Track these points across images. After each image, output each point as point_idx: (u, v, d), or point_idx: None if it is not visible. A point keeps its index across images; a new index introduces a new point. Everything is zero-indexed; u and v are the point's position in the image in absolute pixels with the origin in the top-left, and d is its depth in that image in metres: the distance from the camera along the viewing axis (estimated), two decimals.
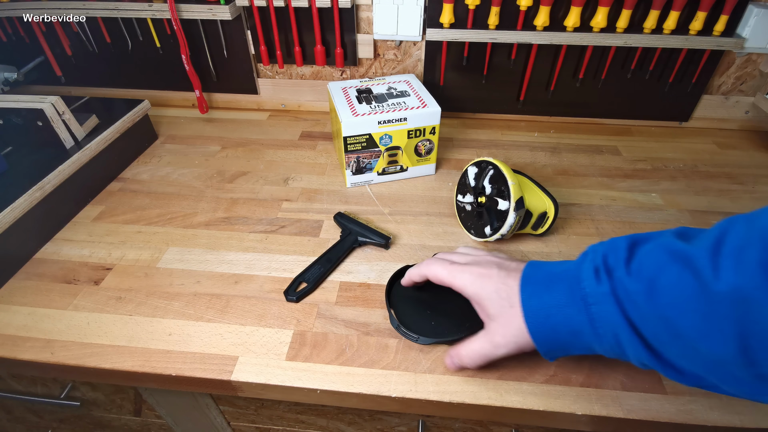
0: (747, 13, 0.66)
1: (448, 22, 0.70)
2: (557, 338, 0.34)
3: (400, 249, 0.55)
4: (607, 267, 0.32)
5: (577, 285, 0.33)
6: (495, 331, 0.37)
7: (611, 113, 0.81)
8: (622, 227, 0.58)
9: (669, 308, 0.28)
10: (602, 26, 0.68)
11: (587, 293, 0.32)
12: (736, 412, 0.38)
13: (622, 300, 0.31)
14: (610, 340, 0.32)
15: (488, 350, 0.38)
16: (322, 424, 0.56)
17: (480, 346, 0.38)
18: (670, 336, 0.29)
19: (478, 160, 0.55)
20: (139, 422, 0.63)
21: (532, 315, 0.35)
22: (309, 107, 0.87)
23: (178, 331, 0.45)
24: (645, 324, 0.30)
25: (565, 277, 0.35)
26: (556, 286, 0.35)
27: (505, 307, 0.37)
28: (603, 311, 0.32)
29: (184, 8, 0.71)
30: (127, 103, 0.72)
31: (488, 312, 0.38)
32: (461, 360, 0.39)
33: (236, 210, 0.61)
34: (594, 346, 0.34)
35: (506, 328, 0.36)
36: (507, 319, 0.36)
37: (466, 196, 0.57)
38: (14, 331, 0.46)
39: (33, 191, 0.54)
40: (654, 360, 0.30)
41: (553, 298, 0.34)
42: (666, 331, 0.29)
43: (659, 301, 0.29)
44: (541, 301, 0.35)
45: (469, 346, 0.39)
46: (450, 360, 0.41)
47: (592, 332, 0.33)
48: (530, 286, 0.36)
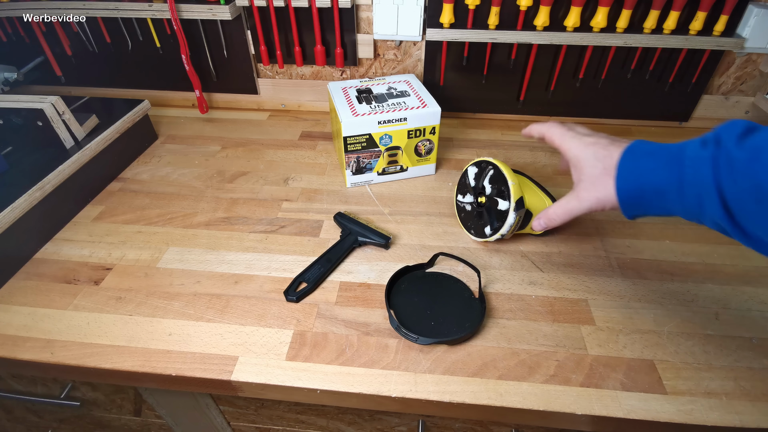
0: (747, 13, 0.66)
1: (448, 22, 0.70)
2: (641, 196, 0.38)
3: (400, 249, 0.55)
4: (717, 138, 0.34)
5: (679, 153, 0.36)
6: (581, 188, 0.42)
7: (611, 113, 0.81)
8: (622, 227, 0.58)
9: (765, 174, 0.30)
10: (602, 26, 0.68)
11: (686, 156, 0.35)
12: (736, 412, 0.38)
13: (720, 165, 0.33)
14: (693, 201, 0.35)
15: (573, 204, 0.42)
16: (322, 424, 0.56)
17: (566, 201, 0.43)
18: (755, 202, 0.31)
19: (478, 160, 0.55)
20: (139, 422, 0.63)
21: (624, 174, 0.38)
22: (309, 107, 0.87)
23: (178, 331, 0.45)
24: (733, 189, 0.32)
25: (670, 149, 0.37)
26: (659, 154, 0.37)
27: (597, 168, 0.40)
28: (695, 173, 0.34)
29: (184, 8, 0.72)
30: (127, 103, 0.72)
31: (582, 172, 0.42)
32: (549, 217, 0.45)
33: (236, 210, 0.61)
34: (674, 207, 0.36)
35: (592, 184, 0.40)
36: (596, 178, 0.40)
37: (466, 196, 0.57)
38: (14, 331, 0.46)
39: (33, 191, 0.54)
40: (729, 222, 0.33)
41: (650, 162, 0.37)
42: (752, 198, 0.31)
43: (757, 167, 0.31)
44: (638, 164, 0.38)
45: (557, 204, 0.44)
46: (538, 222, 0.46)
47: (678, 193, 0.35)
48: (633, 153, 0.39)
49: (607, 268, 0.52)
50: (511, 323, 0.46)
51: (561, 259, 0.54)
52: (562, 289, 0.50)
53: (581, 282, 0.51)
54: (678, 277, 0.51)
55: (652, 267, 0.53)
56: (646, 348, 0.44)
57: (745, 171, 0.31)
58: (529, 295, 0.49)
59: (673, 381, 0.41)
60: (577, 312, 0.47)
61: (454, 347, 0.44)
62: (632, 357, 0.43)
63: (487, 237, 0.53)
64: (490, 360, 0.43)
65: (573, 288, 0.50)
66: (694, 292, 0.49)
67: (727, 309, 0.48)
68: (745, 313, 0.47)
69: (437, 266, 0.53)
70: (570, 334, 0.45)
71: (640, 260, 0.53)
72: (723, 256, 0.54)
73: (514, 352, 0.43)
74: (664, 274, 0.52)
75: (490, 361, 0.43)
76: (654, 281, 0.51)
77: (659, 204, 0.37)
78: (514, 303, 0.48)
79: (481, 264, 0.53)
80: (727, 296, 0.49)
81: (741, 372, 0.42)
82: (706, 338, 0.45)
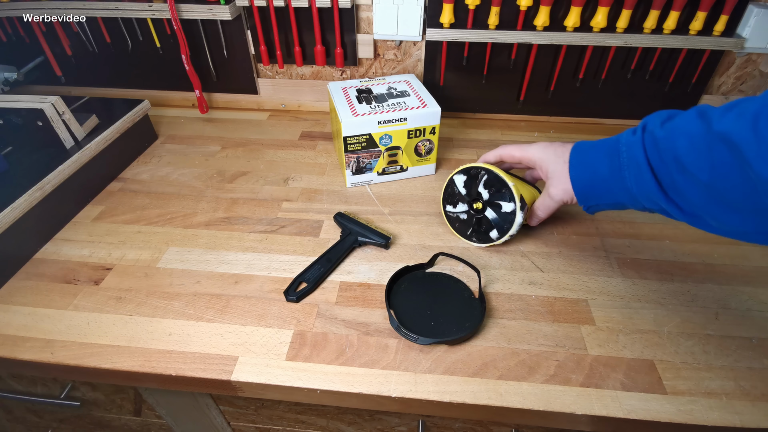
0: (747, 13, 0.66)
1: (448, 22, 0.70)
2: (591, 185, 0.43)
3: (400, 249, 0.55)
4: (644, 125, 0.40)
5: (615, 143, 0.42)
6: (551, 185, 0.48)
7: (611, 113, 0.81)
8: (622, 227, 0.58)
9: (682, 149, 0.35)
10: (602, 26, 0.68)
11: (621, 143, 0.41)
12: (736, 412, 0.38)
13: (647, 146, 0.38)
14: (632, 183, 0.40)
15: (547, 201, 0.49)
16: (322, 424, 0.56)
17: (542, 199, 0.50)
18: (678, 173, 0.36)
19: (464, 167, 0.54)
20: (139, 422, 0.63)
21: (574, 167, 0.45)
22: (309, 107, 0.87)
23: (178, 331, 0.45)
24: (660, 165, 0.37)
25: (608, 141, 0.43)
26: (600, 146, 0.43)
27: (559, 163, 0.46)
28: (629, 158, 0.40)
29: (184, 8, 0.71)
30: (127, 103, 0.72)
31: (548, 171, 0.47)
32: (536, 214, 0.52)
33: (236, 210, 0.61)
34: (619, 193, 0.41)
35: (559, 180, 0.46)
36: (560, 174, 0.46)
37: (457, 206, 0.56)
38: (14, 331, 0.46)
39: (33, 191, 0.54)
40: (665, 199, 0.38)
41: (594, 154, 0.43)
42: (675, 169, 0.36)
43: (675, 143, 0.36)
44: (585, 156, 0.44)
45: (537, 201, 0.51)
46: (530, 220, 0.53)
47: (619, 178, 0.40)
48: (580, 148, 0.45)
49: (607, 268, 0.52)
50: (511, 323, 0.46)
51: (561, 259, 0.54)
52: (562, 289, 0.50)
53: (581, 282, 0.51)
54: (678, 277, 0.51)
55: (652, 267, 0.53)
56: (646, 348, 0.44)
57: (666, 147, 0.37)
58: (529, 295, 0.49)
59: (673, 381, 0.41)
60: (577, 312, 0.47)
61: (454, 347, 0.44)
62: (632, 357, 0.43)
63: (494, 241, 0.53)
64: (490, 360, 0.43)
65: (573, 288, 0.50)
66: (694, 292, 0.49)
67: (727, 309, 0.48)
68: (745, 313, 0.47)
69: (437, 266, 0.53)
70: (570, 334, 0.45)
71: (640, 260, 0.53)
72: (723, 256, 0.54)
73: (514, 352, 0.43)
74: (664, 274, 0.52)
75: (490, 361, 0.43)
76: (654, 281, 0.51)
77: (607, 191, 0.42)
78: (514, 303, 0.48)
79: (481, 264, 0.53)
80: (727, 296, 0.49)
81: (741, 372, 0.42)
82: (706, 338, 0.45)
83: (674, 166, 0.36)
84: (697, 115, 0.36)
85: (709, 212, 0.36)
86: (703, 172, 0.34)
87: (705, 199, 0.35)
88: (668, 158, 0.36)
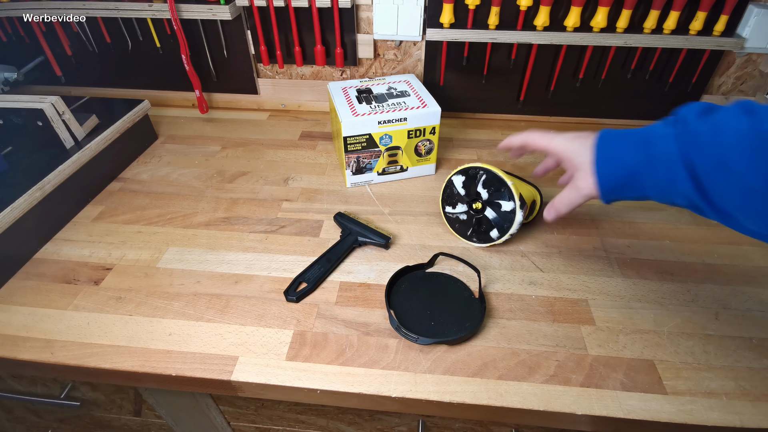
0: (747, 13, 0.66)
1: (448, 22, 0.70)
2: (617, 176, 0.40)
3: (400, 249, 0.55)
4: (678, 118, 0.37)
5: (646, 134, 0.39)
6: (579, 178, 0.43)
7: (611, 113, 0.81)
8: (622, 227, 0.58)
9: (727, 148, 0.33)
10: (602, 26, 0.67)
11: (652, 135, 0.38)
12: (736, 412, 0.38)
13: (685, 141, 0.35)
14: (663, 177, 0.37)
15: (573, 195, 0.44)
16: (322, 424, 0.56)
17: (567, 192, 0.45)
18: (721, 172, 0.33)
19: (463, 168, 0.54)
20: (139, 422, 0.63)
21: (601, 156, 0.41)
22: (309, 107, 0.87)
23: (178, 331, 0.45)
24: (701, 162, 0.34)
25: (637, 132, 0.40)
26: (629, 136, 0.40)
27: (586, 156, 0.42)
28: (662, 151, 0.37)
29: (184, 8, 0.71)
30: (127, 103, 0.72)
31: (576, 163, 0.43)
32: (555, 208, 0.46)
33: (236, 210, 0.61)
34: (647, 185, 0.38)
35: (585, 172, 0.42)
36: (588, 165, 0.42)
37: (456, 206, 0.56)
38: (14, 331, 0.46)
39: (33, 191, 0.54)
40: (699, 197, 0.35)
41: (622, 144, 0.40)
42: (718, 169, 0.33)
43: (720, 141, 0.33)
44: (611, 146, 0.41)
45: (560, 195, 0.46)
46: (547, 212, 0.47)
47: (649, 171, 0.38)
48: (606, 137, 0.42)
49: (607, 268, 0.52)
50: (511, 323, 0.46)
51: (561, 259, 0.54)
52: (562, 289, 0.50)
53: (581, 282, 0.51)
54: (678, 277, 0.51)
55: (652, 267, 0.53)
56: (646, 348, 0.44)
57: (711, 144, 0.34)
58: (529, 295, 0.49)
59: (673, 381, 0.41)
60: (577, 312, 0.47)
61: (454, 347, 0.44)
62: (632, 357, 0.43)
63: (494, 240, 0.53)
64: (490, 360, 0.43)
65: (573, 288, 0.50)
66: (694, 292, 0.49)
67: (727, 309, 0.48)
68: (745, 313, 0.47)
69: (437, 266, 0.53)
70: (570, 334, 0.45)
71: (640, 260, 0.53)
72: (723, 256, 0.54)
73: (514, 352, 0.43)
74: (664, 274, 0.52)
75: (490, 361, 0.43)
76: (654, 281, 0.51)
77: (634, 184, 0.39)
78: (514, 303, 0.48)
79: (481, 264, 0.53)
80: (727, 296, 0.49)
81: (741, 372, 0.42)
82: (706, 338, 0.45)
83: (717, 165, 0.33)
84: (742, 111, 0.33)
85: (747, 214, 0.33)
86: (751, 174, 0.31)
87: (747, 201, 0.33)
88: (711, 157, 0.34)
